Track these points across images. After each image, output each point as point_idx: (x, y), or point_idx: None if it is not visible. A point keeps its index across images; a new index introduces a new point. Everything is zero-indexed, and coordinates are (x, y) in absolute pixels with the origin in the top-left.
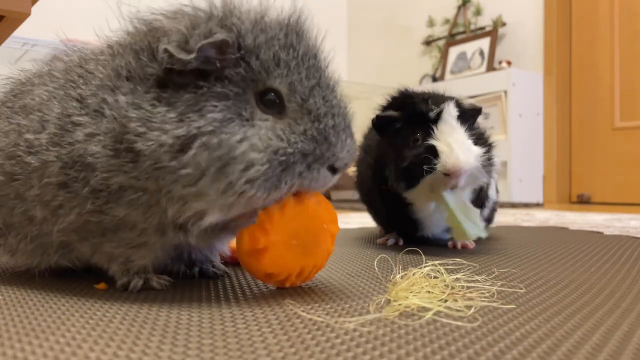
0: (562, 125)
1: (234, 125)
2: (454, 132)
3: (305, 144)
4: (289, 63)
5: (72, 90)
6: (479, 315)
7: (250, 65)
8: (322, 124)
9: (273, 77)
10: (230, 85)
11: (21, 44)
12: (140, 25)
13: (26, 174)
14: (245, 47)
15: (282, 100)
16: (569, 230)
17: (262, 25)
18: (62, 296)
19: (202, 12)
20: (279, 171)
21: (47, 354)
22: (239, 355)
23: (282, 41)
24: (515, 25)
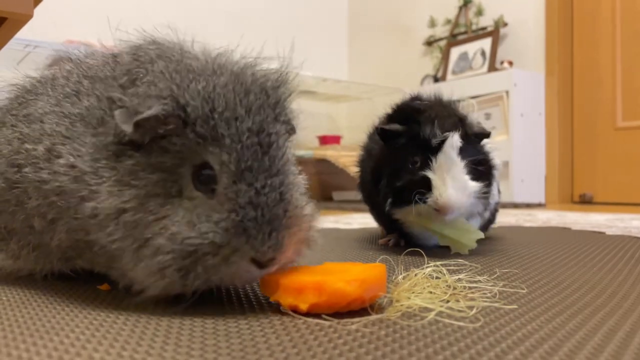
0: (564, 125)
1: (155, 203)
2: (452, 167)
3: (218, 236)
4: (227, 139)
5: (66, 106)
6: (481, 315)
7: (189, 137)
8: (240, 215)
9: (208, 152)
10: (167, 156)
11: (24, 46)
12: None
13: (26, 183)
14: (186, 118)
15: (215, 178)
16: (571, 230)
17: (210, 94)
18: (66, 297)
19: (160, 73)
20: (188, 262)
21: (51, 354)
22: (242, 355)
23: (227, 114)
24: (517, 26)
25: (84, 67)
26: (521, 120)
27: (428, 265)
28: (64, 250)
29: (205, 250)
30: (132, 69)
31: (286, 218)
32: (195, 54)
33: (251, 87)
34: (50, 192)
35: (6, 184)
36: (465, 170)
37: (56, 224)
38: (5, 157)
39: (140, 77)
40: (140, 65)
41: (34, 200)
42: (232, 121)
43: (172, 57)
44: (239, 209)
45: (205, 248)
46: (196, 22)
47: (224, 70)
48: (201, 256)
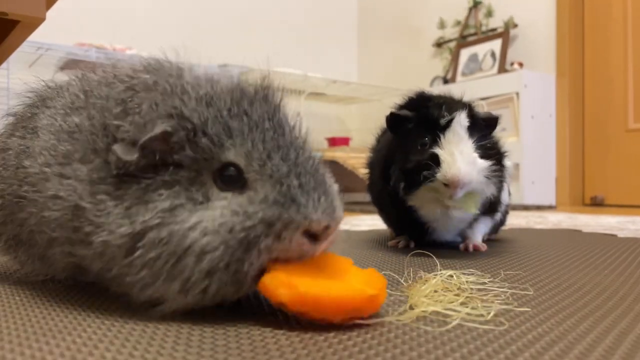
0: (575, 126)
1: (184, 212)
2: (461, 142)
3: (267, 211)
4: (242, 130)
5: (59, 122)
6: (505, 319)
7: (199, 145)
8: (285, 184)
9: (226, 149)
10: (181, 170)
11: (36, 48)
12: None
13: (27, 200)
14: (190, 128)
15: (241, 172)
16: (582, 232)
17: (209, 98)
18: (77, 298)
19: (158, 94)
20: (240, 253)
21: (64, 353)
22: (252, 356)
23: (232, 110)
24: (527, 27)
25: (85, 81)
26: (531, 122)
27: (441, 272)
28: (67, 267)
29: (257, 232)
30: (126, 98)
31: (329, 185)
32: (190, 74)
33: (246, 89)
34: (44, 218)
35: (12, 196)
36: (474, 147)
37: (54, 245)
38: (13, 170)
39: (133, 108)
40: (134, 95)
41: (33, 217)
42: (241, 115)
43: (169, 81)
44: (283, 179)
45: (256, 230)
46: (206, 24)
47: (219, 80)
48: (253, 240)
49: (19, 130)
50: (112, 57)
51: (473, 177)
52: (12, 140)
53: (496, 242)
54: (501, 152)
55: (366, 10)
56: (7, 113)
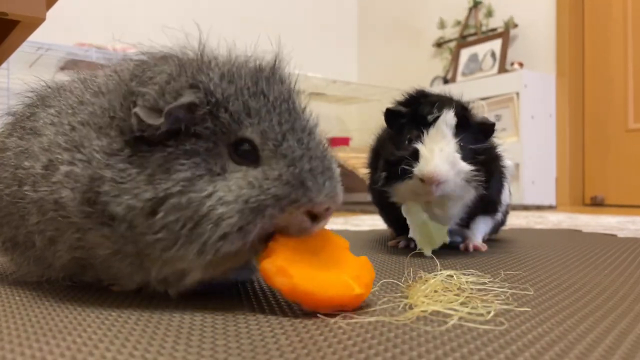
0: (575, 126)
1: (203, 182)
2: (442, 140)
3: (279, 189)
4: (260, 111)
5: (67, 117)
6: (505, 319)
7: (220, 119)
8: (298, 167)
9: (244, 127)
10: (200, 141)
11: (36, 48)
12: (128, 69)
13: (27, 200)
14: (214, 102)
15: (256, 149)
16: (582, 232)
17: (231, 75)
18: (77, 298)
19: (174, 68)
20: (251, 218)
21: (64, 353)
22: (252, 356)
23: (251, 89)
24: (527, 27)
25: (89, 82)
26: (532, 122)
27: (441, 272)
28: (66, 266)
29: (267, 203)
30: (138, 73)
31: (334, 171)
32: (200, 51)
33: (264, 69)
34: (49, 207)
35: (10, 197)
36: (457, 148)
37: (56, 243)
38: (11, 170)
39: (150, 77)
40: (147, 69)
41: (34, 217)
42: (259, 95)
43: (189, 56)
44: (297, 162)
45: (267, 201)
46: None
47: (235, 58)
48: (262, 208)
49: (17, 130)
50: (112, 57)
51: (450, 176)
52: (11, 140)
53: (496, 242)
54: (495, 157)
55: (366, 11)
56: (7, 112)
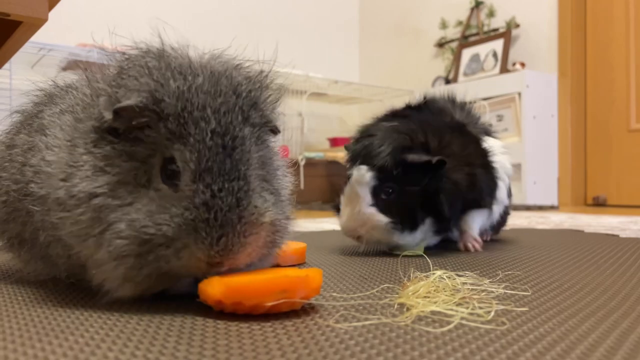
0: (577, 127)
1: (125, 190)
2: (354, 199)
3: (170, 230)
4: (192, 138)
5: (69, 115)
6: (507, 320)
7: (160, 131)
8: (194, 214)
9: (174, 148)
10: (141, 145)
11: (38, 49)
12: (108, 66)
13: (32, 196)
14: (160, 113)
15: (179, 174)
16: (584, 233)
17: (184, 93)
18: (79, 298)
19: (132, 69)
20: (143, 249)
21: (67, 353)
22: (254, 356)
23: (196, 114)
24: (529, 27)
25: (92, 80)
26: (533, 122)
27: (433, 272)
28: (67, 265)
29: (159, 241)
30: (122, 65)
31: (240, 224)
32: (182, 53)
33: (225, 89)
34: (51, 205)
35: (17, 193)
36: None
37: (57, 241)
38: (19, 167)
39: (126, 71)
40: (128, 63)
41: (39, 214)
42: (199, 121)
43: (157, 55)
44: (193, 208)
45: (158, 239)
46: (208, 25)
47: (203, 71)
48: (155, 246)
49: (25, 128)
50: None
51: (362, 232)
52: (19, 137)
53: (497, 242)
54: (476, 157)
55: (368, 11)
56: (16, 110)
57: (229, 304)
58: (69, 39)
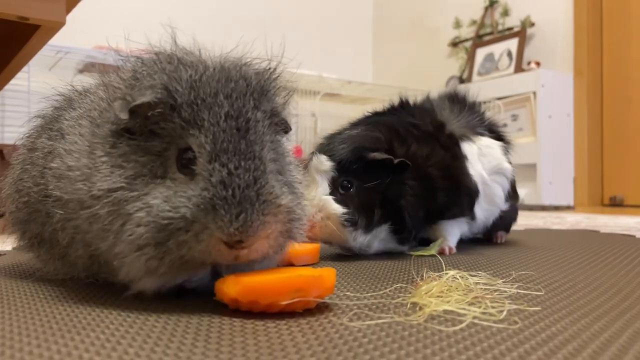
0: (594, 126)
1: (141, 182)
2: (310, 185)
3: (188, 211)
4: (206, 123)
5: (86, 119)
6: (519, 319)
7: (175, 121)
8: (211, 192)
9: (189, 135)
10: (156, 139)
11: (55, 52)
12: (123, 70)
13: (52, 198)
14: (171, 105)
15: (195, 161)
16: (600, 233)
17: (196, 82)
18: (99, 296)
19: (151, 68)
20: (162, 235)
21: (89, 349)
22: (270, 352)
23: (208, 100)
24: (544, 26)
25: (108, 84)
26: (549, 122)
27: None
28: (86, 264)
29: (178, 225)
30: (137, 69)
31: (259, 202)
32: (192, 51)
33: (235, 77)
34: (71, 206)
35: (38, 195)
36: (330, 190)
37: (75, 239)
38: (39, 169)
39: (140, 73)
40: (142, 65)
41: (58, 215)
42: (213, 107)
43: (169, 53)
44: (211, 187)
45: (177, 223)
46: (219, 26)
47: (213, 64)
48: (174, 231)
49: (45, 132)
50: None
51: (316, 218)
52: (40, 140)
53: (510, 243)
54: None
55: (381, 11)
56: (36, 115)
57: (245, 302)
58: (86, 42)
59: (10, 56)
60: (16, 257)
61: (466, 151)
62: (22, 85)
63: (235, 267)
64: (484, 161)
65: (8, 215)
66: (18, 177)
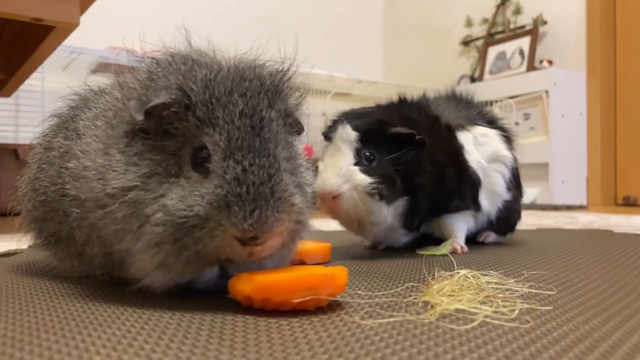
0: (607, 125)
1: (156, 182)
2: (337, 154)
3: (202, 208)
4: (221, 121)
5: (101, 119)
6: (531, 318)
7: (189, 120)
8: (225, 189)
9: (204, 134)
10: (171, 139)
11: (69, 52)
12: (138, 71)
13: (69, 197)
14: (185, 104)
15: (209, 159)
16: (612, 233)
17: (210, 82)
18: (115, 293)
19: (160, 70)
20: (180, 234)
21: (105, 344)
22: (282, 349)
23: (223, 99)
24: (557, 23)
25: (123, 84)
26: (561, 121)
27: (457, 271)
28: (102, 262)
29: (193, 223)
30: (151, 69)
31: (273, 199)
32: (206, 53)
33: (249, 77)
34: (87, 205)
35: (55, 194)
36: (355, 161)
37: (91, 237)
38: (56, 169)
39: (155, 74)
40: (157, 66)
41: (75, 214)
42: (227, 105)
43: (184, 54)
44: (225, 184)
45: (192, 220)
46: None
47: (227, 64)
48: (190, 228)
49: (62, 131)
50: (142, 60)
51: (343, 189)
52: (56, 140)
53: (522, 243)
54: (449, 155)
55: (392, 9)
56: (52, 114)
57: (258, 300)
58: (99, 43)
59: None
60: (32, 255)
61: (462, 140)
62: (37, 86)
63: (246, 266)
64: (481, 150)
65: (24, 213)
66: (34, 176)
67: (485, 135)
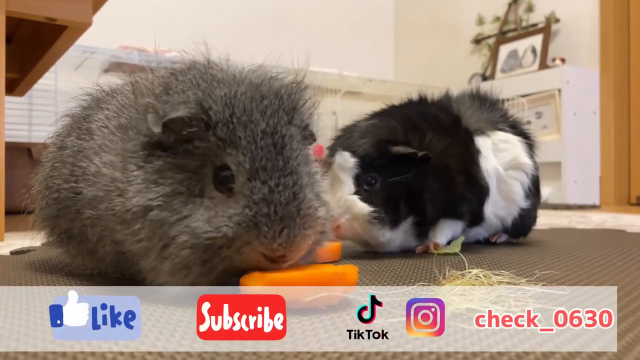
0: (620, 123)
1: (179, 202)
2: (335, 185)
3: (230, 229)
4: (243, 141)
5: (114, 120)
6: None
7: (210, 140)
8: (253, 210)
9: (226, 154)
10: (191, 157)
11: (81, 52)
12: (155, 80)
13: (81, 195)
14: (208, 121)
15: (232, 178)
16: (625, 232)
17: (231, 100)
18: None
19: (184, 82)
20: (208, 255)
21: (117, 342)
22: (294, 347)
23: (244, 118)
24: (570, 21)
25: (134, 82)
26: (574, 119)
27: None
28: (113, 260)
29: (220, 243)
30: (168, 81)
31: (300, 217)
32: (221, 67)
33: (267, 94)
34: (100, 205)
35: (67, 192)
36: (356, 189)
37: (104, 238)
38: (69, 168)
39: (173, 87)
40: (174, 78)
41: (87, 212)
42: (248, 124)
43: (201, 70)
44: (253, 204)
45: (220, 241)
46: (242, 25)
47: (244, 80)
48: (217, 249)
49: (75, 131)
50: (153, 60)
51: (342, 221)
52: (69, 139)
53: (534, 242)
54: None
55: (402, 8)
56: (65, 114)
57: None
58: (111, 42)
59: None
60: (46, 253)
61: (479, 145)
62: (50, 85)
63: None
64: (499, 156)
65: (38, 211)
66: (48, 175)
67: (506, 141)
